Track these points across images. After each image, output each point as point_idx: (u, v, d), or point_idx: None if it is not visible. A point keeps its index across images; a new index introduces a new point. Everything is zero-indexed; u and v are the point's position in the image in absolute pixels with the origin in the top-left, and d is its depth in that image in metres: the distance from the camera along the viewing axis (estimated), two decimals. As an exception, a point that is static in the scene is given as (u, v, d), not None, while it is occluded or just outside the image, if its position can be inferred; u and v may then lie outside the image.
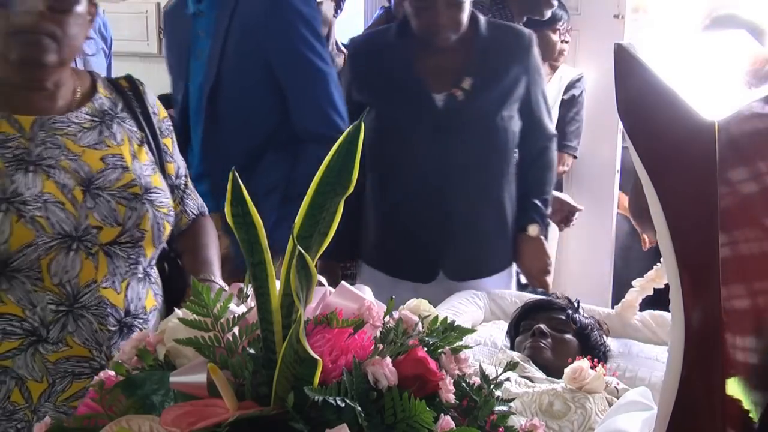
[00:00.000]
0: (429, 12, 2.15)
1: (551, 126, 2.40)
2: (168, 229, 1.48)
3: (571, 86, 3.26)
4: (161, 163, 1.53)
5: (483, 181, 2.27)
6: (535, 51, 2.28)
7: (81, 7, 1.37)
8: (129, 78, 1.56)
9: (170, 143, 1.58)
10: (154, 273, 1.51)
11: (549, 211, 2.44)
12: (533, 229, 2.36)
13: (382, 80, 2.27)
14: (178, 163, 1.61)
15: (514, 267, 2.45)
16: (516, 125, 2.28)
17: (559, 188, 3.15)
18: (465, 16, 2.18)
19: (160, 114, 1.57)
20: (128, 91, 1.53)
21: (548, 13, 2.93)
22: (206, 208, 1.69)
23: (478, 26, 2.22)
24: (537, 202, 2.35)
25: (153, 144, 1.52)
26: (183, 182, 1.62)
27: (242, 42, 2.04)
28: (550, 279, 2.42)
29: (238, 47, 2.05)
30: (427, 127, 2.17)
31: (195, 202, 1.66)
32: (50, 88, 1.41)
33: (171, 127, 1.59)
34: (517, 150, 2.35)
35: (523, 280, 2.53)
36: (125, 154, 1.44)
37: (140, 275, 1.44)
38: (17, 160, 1.33)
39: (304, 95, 2.07)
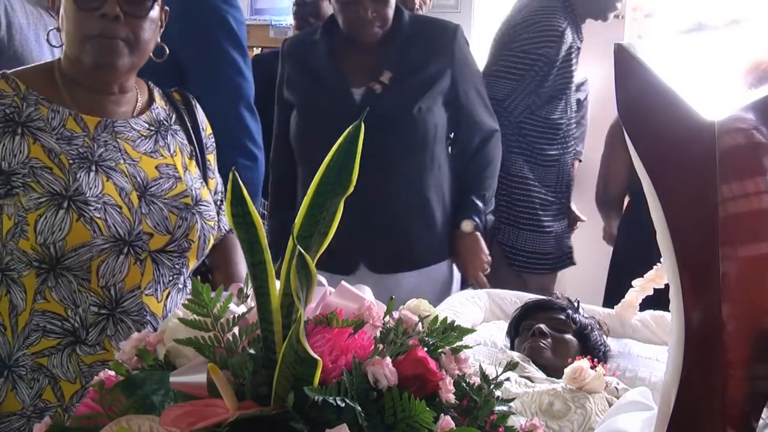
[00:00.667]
0: (355, 7, 2.17)
1: (490, 121, 2.38)
2: (211, 241, 1.50)
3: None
4: (205, 178, 1.56)
5: (403, 174, 2.24)
6: (462, 44, 2.28)
7: (154, 13, 1.40)
8: (181, 91, 1.60)
9: (213, 159, 1.61)
10: (190, 285, 1.52)
11: (490, 207, 2.43)
12: (467, 225, 2.34)
13: (307, 78, 2.30)
14: (217, 180, 1.63)
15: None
16: (439, 118, 2.26)
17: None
18: (391, 11, 2.21)
19: (207, 130, 1.60)
20: (181, 105, 1.57)
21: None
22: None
23: (401, 21, 2.24)
24: (474, 198, 2.34)
25: (200, 158, 1.55)
26: (220, 198, 1.63)
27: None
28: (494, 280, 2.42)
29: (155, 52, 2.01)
30: (346, 122, 2.12)
31: (225, 220, 1.65)
32: (116, 92, 1.44)
33: (214, 144, 1.62)
34: (450, 145, 2.35)
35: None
36: (178, 165, 1.48)
37: (180, 285, 1.46)
38: (81, 158, 1.35)
39: (210, 105, 1.96)
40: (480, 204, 2.34)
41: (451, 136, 2.43)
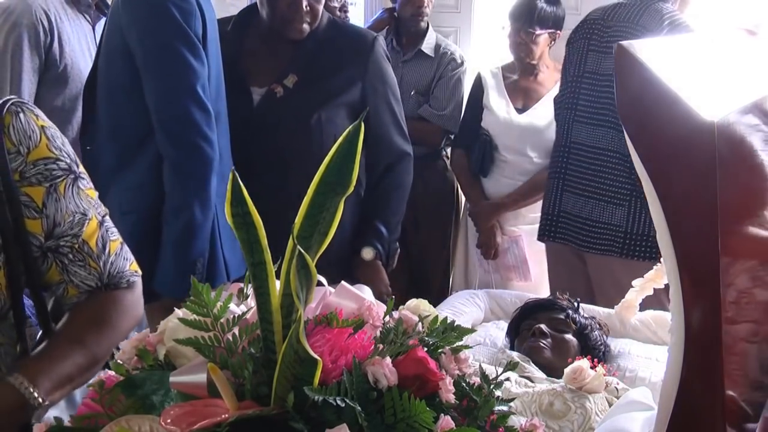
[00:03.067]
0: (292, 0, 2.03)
1: (402, 143, 2.16)
2: None
3: None
4: (15, 219, 1.12)
5: (297, 183, 1.96)
6: (379, 57, 2.10)
7: None
8: None
9: (41, 193, 1.14)
10: None
11: (396, 235, 2.21)
12: (367, 253, 2.13)
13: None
14: (55, 218, 1.15)
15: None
16: (340, 130, 1.89)
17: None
18: (321, 9, 2.08)
19: (31, 154, 1.14)
20: None
21: None
22: (132, 279, 1.22)
23: (319, 24, 2.09)
24: (378, 224, 2.12)
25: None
26: (68, 244, 1.16)
27: (110, 34, 1.88)
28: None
29: (108, 38, 1.89)
30: (242, 123, 2.01)
31: (96, 273, 1.18)
32: None
33: (53, 171, 1.15)
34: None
35: None
36: None
37: None
38: None
39: (162, 86, 1.83)
40: (384, 231, 2.12)
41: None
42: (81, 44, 2.39)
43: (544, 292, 2.89)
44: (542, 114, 2.98)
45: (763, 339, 1.09)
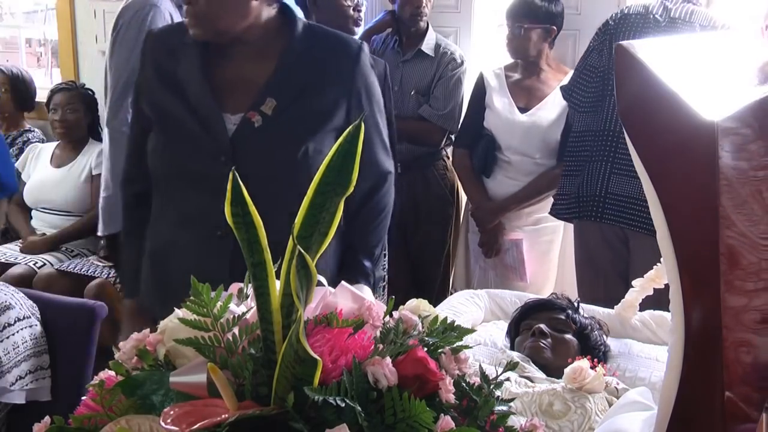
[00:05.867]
0: None
1: (385, 161, 1.82)
2: None
3: None
4: None
5: (284, 230, 1.74)
6: (365, 69, 1.72)
7: None
8: None
9: None
10: None
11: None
12: None
13: (170, 90, 1.69)
14: None
15: None
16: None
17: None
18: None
19: None
20: None
21: None
22: None
23: (293, 30, 1.68)
24: (361, 258, 1.83)
25: None
26: None
27: None
28: None
29: None
30: (213, 158, 1.64)
31: None
32: None
33: None
34: None
35: None
36: None
37: None
38: None
39: None
40: (369, 266, 1.85)
41: None
42: None
43: (544, 292, 2.89)
44: (545, 114, 2.98)
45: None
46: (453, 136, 3.22)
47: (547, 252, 3.15)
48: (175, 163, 1.70)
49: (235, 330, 0.85)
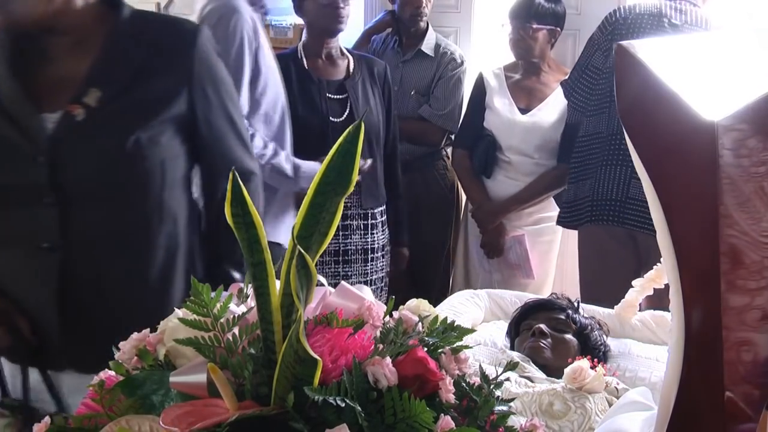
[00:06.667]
0: None
1: (247, 160, 1.67)
2: None
3: None
4: None
5: (121, 235, 1.53)
6: (205, 52, 1.56)
7: None
8: None
9: None
10: None
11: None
12: None
13: None
14: None
15: None
16: (169, 154, 1.56)
17: (562, 194, 3.13)
18: None
19: None
20: None
21: None
22: None
23: (118, 16, 1.53)
24: (229, 269, 1.65)
25: None
26: None
27: None
28: None
29: None
30: (28, 163, 1.48)
31: None
32: None
33: None
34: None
35: None
36: None
37: None
38: None
39: None
40: (239, 277, 1.68)
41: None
42: (271, 54, 2.36)
43: (543, 292, 2.90)
44: (546, 114, 2.98)
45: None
46: (453, 136, 3.22)
47: (548, 252, 3.15)
48: None
49: (235, 330, 0.85)
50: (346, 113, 2.66)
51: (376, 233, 2.77)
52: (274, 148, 2.37)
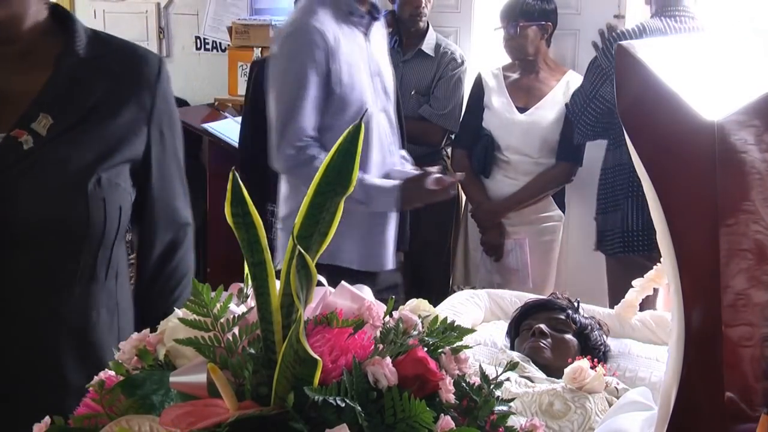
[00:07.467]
0: None
1: (185, 210, 1.47)
2: None
3: None
4: None
5: (56, 292, 1.28)
6: (167, 88, 1.38)
7: None
8: None
9: None
10: None
11: None
12: None
13: None
14: None
15: None
16: (125, 201, 1.34)
17: (562, 193, 3.14)
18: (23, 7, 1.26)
19: None
20: None
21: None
22: None
23: (74, 37, 1.31)
24: None
25: None
26: None
27: None
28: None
29: None
30: None
31: None
32: None
33: None
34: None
35: None
36: None
37: None
38: None
39: None
40: None
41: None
42: (359, 62, 2.28)
43: (544, 292, 2.89)
44: (544, 113, 2.99)
45: (756, 342, 1.08)
46: (453, 136, 3.22)
47: (548, 252, 3.15)
48: None
49: (235, 330, 0.85)
50: None
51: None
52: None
